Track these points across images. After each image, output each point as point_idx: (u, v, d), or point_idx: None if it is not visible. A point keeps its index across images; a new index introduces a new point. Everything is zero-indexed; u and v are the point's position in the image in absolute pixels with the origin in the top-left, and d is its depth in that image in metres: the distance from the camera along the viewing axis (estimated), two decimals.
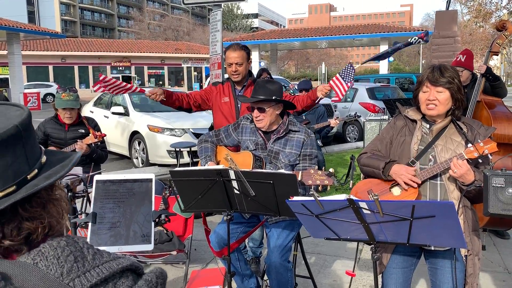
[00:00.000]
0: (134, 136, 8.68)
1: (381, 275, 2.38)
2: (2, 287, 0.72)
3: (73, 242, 0.83)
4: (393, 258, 2.34)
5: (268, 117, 2.73)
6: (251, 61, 3.64)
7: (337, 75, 3.59)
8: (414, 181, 2.22)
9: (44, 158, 0.88)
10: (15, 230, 0.80)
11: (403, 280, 2.33)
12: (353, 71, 3.55)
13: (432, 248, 2.26)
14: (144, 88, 3.62)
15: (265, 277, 3.24)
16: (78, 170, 3.35)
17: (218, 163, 2.91)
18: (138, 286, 0.80)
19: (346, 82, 3.52)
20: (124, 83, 3.53)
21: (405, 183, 2.24)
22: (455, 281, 2.17)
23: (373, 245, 2.06)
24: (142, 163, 8.53)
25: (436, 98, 2.22)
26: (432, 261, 2.32)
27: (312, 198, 1.95)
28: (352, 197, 1.88)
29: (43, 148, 0.92)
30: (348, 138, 11.98)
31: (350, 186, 6.56)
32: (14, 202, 0.79)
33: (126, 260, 0.84)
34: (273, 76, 6.05)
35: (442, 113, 2.26)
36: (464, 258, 2.26)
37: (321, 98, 3.49)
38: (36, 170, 0.84)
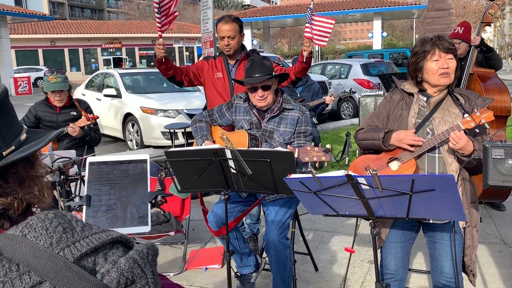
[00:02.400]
0: (128, 118, 8.60)
1: (380, 249, 2.38)
2: None
3: (61, 215, 0.83)
4: (392, 232, 2.34)
5: (272, 94, 2.71)
6: (243, 34, 3.54)
7: (306, 24, 3.40)
8: (417, 140, 2.19)
9: (23, 136, 0.89)
10: None
11: (402, 254, 2.34)
12: (310, 11, 3.40)
13: (431, 222, 2.26)
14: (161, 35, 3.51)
15: (264, 255, 3.26)
16: (72, 153, 3.32)
17: (214, 143, 2.88)
18: (129, 255, 0.79)
19: (311, 25, 3.35)
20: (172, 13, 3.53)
21: (410, 145, 2.21)
22: (454, 253, 2.17)
23: (371, 221, 2.06)
24: (136, 145, 8.48)
25: (448, 66, 2.19)
26: (430, 234, 2.32)
27: (310, 175, 1.93)
28: (350, 172, 1.86)
29: (25, 127, 0.92)
30: (343, 115, 11.96)
31: (346, 163, 6.56)
32: None
33: (115, 232, 0.84)
34: (266, 55, 5.96)
35: (452, 82, 2.24)
36: (462, 230, 2.26)
37: (311, 56, 3.34)
38: (13, 147, 0.84)
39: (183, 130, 7.26)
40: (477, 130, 2.14)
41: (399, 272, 2.34)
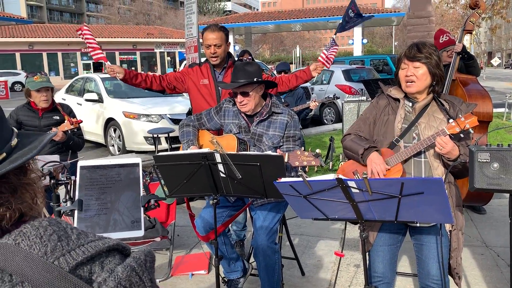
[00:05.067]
0: (110, 123, 8.50)
1: (367, 253, 2.40)
2: None
3: (55, 222, 0.80)
4: (379, 236, 2.36)
5: (253, 100, 2.69)
6: (230, 43, 3.54)
7: (323, 50, 3.78)
8: (378, 175, 2.24)
9: (15, 141, 0.84)
10: None
11: (389, 257, 2.36)
12: (333, 42, 3.78)
13: (418, 225, 2.29)
14: (107, 59, 3.53)
15: (251, 260, 3.25)
16: (55, 159, 3.26)
17: (200, 147, 2.86)
18: (126, 263, 0.77)
19: (330, 52, 3.73)
20: (96, 43, 3.51)
21: (371, 170, 2.27)
22: (441, 255, 2.20)
23: (361, 224, 2.07)
24: (118, 151, 8.37)
25: (413, 74, 2.23)
26: (417, 237, 2.35)
27: (300, 179, 1.94)
28: (341, 176, 1.88)
29: (15, 130, 0.87)
30: (325, 121, 12.06)
31: (330, 167, 6.62)
32: None
33: (112, 240, 0.81)
34: None
35: (422, 89, 2.27)
36: (448, 233, 2.30)
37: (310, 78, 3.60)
38: (4, 154, 0.80)
39: (166, 135, 7.20)
40: (461, 135, 2.19)
41: (387, 275, 2.36)
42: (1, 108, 0.86)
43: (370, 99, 5.60)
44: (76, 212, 1.85)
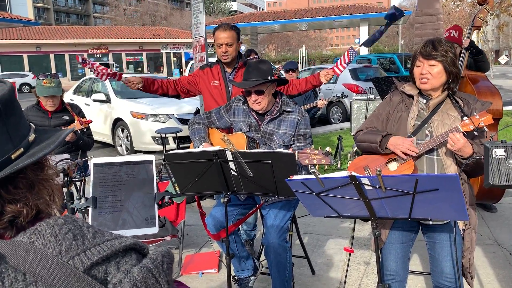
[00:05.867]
0: (117, 123, 8.53)
1: (379, 251, 2.38)
2: None
3: (71, 220, 0.79)
4: (391, 233, 2.34)
5: (266, 99, 2.69)
6: (241, 42, 3.55)
7: (342, 63, 3.63)
8: (412, 150, 2.21)
9: (32, 137, 0.83)
10: None
11: (402, 255, 2.34)
12: (354, 52, 3.64)
13: (430, 223, 2.27)
14: (122, 74, 3.51)
15: (261, 258, 3.24)
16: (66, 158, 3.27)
17: (211, 145, 2.86)
18: (143, 264, 0.75)
19: (347, 63, 3.63)
20: (103, 68, 3.44)
21: (403, 153, 2.23)
22: (455, 253, 2.18)
23: (373, 222, 2.06)
24: (126, 151, 8.40)
25: (428, 72, 2.21)
26: (430, 235, 2.33)
27: (312, 176, 1.92)
28: (353, 173, 1.86)
29: (32, 126, 0.87)
30: (332, 120, 12.02)
31: (339, 166, 6.59)
32: None
33: (129, 239, 0.80)
34: None
35: (437, 87, 2.25)
36: (461, 232, 2.28)
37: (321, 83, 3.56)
38: (21, 149, 0.79)
39: (174, 135, 7.21)
40: (475, 133, 2.16)
41: (400, 273, 2.34)
42: (19, 104, 0.86)
43: (379, 97, 5.56)
44: (90, 209, 1.85)
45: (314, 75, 3.56)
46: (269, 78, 2.65)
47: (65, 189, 2.25)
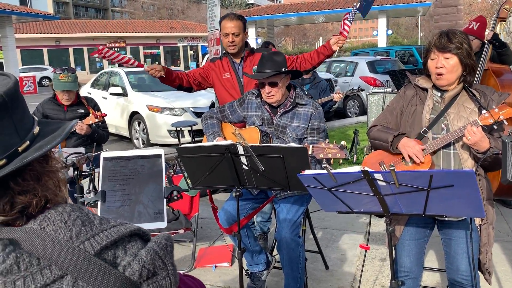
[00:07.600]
0: (134, 116, 8.60)
1: (394, 247, 2.35)
2: (10, 251, 0.71)
3: (78, 208, 0.83)
4: (406, 230, 2.30)
5: (280, 91, 2.66)
6: (247, 33, 3.50)
7: (346, 21, 3.37)
8: (418, 157, 2.16)
9: (36, 129, 0.86)
10: (7, 205, 0.78)
11: (416, 252, 2.30)
12: (356, 10, 3.38)
13: (446, 219, 2.22)
14: (142, 63, 3.51)
15: (274, 253, 3.23)
16: (81, 151, 3.30)
17: (225, 139, 2.85)
18: (150, 247, 0.80)
19: (350, 21, 3.36)
20: (122, 56, 3.40)
21: (409, 156, 2.19)
22: (472, 251, 2.13)
23: (387, 218, 2.02)
24: (142, 144, 8.47)
25: (443, 66, 2.14)
26: (445, 232, 2.28)
27: (324, 171, 1.89)
28: (367, 168, 1.83)
29: (36, 118, 0.89)
30: (348, 113, 11.90)
31: (354, 160, 6.52)
32: (4, 177, 0.76)
33: (132, 225, 0.85)
34: None
35: (453, 81, 2.19)
36: (478, 227, 2.22)
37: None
38: (27, 142, 0.82)
39: (189, 128, 7.24)
40: (495, 127, 2.10)
41: (414, 270, 2.30)
42: (23, 97, 0.87)
43: (396, 90, 5.47)
44: (99, 203, 1.86)
45: (324, 45, 3.36)
46: (283, 70, 2.62)
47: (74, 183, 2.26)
